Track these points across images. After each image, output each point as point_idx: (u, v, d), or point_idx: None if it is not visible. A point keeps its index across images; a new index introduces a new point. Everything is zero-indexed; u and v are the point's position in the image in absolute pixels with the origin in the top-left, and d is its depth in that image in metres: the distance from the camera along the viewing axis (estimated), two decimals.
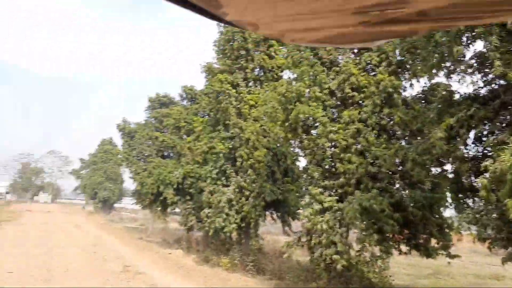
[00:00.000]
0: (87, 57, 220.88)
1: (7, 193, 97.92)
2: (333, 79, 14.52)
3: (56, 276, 11.25)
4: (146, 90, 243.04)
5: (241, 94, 21.51)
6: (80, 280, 11.03)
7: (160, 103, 40.91)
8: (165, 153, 38.59)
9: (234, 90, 21.57)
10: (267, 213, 22.81)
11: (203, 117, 27.11)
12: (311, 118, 14.55)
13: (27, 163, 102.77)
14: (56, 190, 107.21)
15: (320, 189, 13.88)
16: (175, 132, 30.63)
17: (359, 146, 13.58)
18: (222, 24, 21.31)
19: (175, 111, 29.31)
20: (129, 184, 74.15)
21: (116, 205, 76.73)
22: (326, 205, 13.55)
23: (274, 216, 23.48)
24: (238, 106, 21.25)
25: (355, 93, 13.73)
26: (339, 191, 13.79)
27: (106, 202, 66.59)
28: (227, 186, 21.65)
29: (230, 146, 21.34)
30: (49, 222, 31.74)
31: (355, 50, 14.46)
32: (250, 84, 22.63)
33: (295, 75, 15.96)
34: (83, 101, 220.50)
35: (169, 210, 34.77)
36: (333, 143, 14.21)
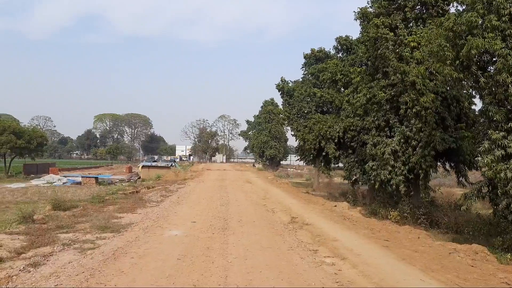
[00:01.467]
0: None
1: (190, 155, 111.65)
2: None
3: (231, 225, 12.32)
4: (301, 47, 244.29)
5: (400, 37, 19.79)
6: (251, 229, 11.86)
7: (316, 59, 40.54)
8: (325, 109, 38.49)
9: (392, 34, 19.92)
10: (439, 163, 21.13)
11: (360, 67, 25.94)
12: (487, 53, 12.56)
13: (203, 128, 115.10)
14: (229, 150, 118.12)
15: (502, 133, 12.05)
16: (332, 86, 30.15)
17: None
18: None
19: (331, 65, 28.63)
20: (293, 141, 77.25)
21: (282, 162, 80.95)
22: (511, 150, 11.75)
23: (447, 166, 21.61)
24: (398, 50, 19.64)
25: None
26: None
27: (273, 160, 70.52)
28: (391, 137, 20.55)
29: (392, 94, 19.95)
30: (225, 178, 35.07)
31: None
32: (411, 24, 20.63)
33: (465, 6, 13.89)
34: (242, 64, 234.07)
35: (332, 165, 35.13)
36: None
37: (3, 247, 9.03)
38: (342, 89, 28.09)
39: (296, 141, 40.60)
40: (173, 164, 52.60)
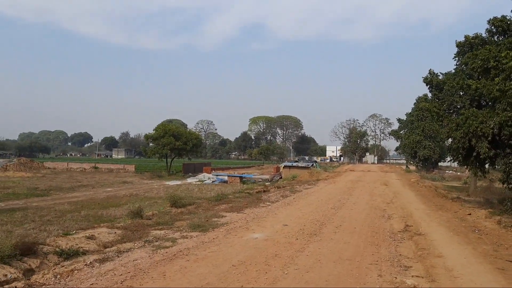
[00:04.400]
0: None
1: (340, 156, 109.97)
2: None
3: (324, 231, 11.17)
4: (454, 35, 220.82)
5: None
6: (344, 237, 10.52)
7: (470, 46, 35.61)
8: (483, 103, 33.58)
9: None
10: None
11: None
12: None
13: (353, 128, 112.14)
14: (380, 150, 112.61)
15: None
16: (484, 76, 25.95)
17: None
18: None
19: (482, 51, 24.63)
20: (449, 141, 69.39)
21: (441, 163, 73.55)
22: None
23: None
24: None
25: None
26: None
27: (427, 161, 64.58)
28: None
29: None
30: (361, 180, 33.12)
31: None
32: None
33: None
34: (398, 59, 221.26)
35: (490, 166, 30.37)
36: None
37: (96, 240, 9.76)
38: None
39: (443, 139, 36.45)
40: (314, 165, 52.26)
